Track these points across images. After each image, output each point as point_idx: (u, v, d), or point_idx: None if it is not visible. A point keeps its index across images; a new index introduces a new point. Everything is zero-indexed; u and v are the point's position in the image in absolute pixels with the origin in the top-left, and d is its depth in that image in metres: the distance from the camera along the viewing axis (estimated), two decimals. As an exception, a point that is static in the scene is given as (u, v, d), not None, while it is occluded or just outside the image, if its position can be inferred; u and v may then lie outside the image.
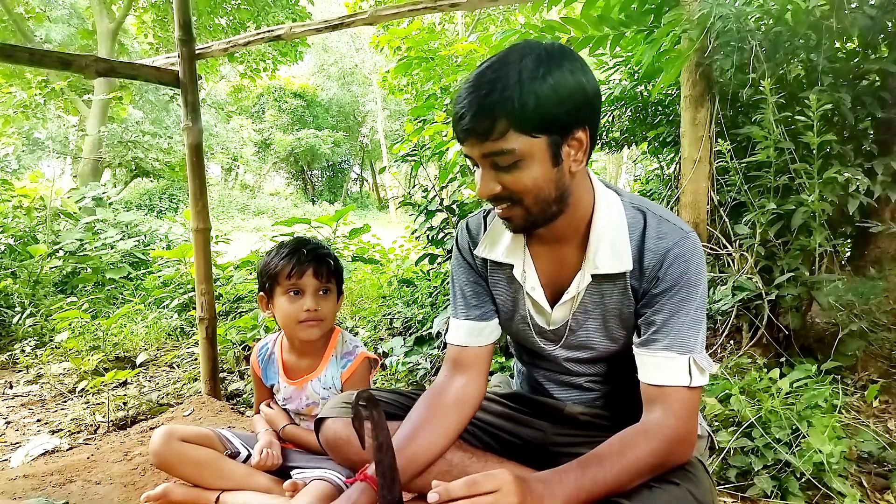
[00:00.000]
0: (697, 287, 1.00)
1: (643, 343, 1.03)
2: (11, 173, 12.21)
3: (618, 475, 0.91)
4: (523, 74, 0.89)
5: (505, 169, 0.94)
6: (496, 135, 0.91)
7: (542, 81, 0.89)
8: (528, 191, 0.95)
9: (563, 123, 0.92)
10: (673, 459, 0.96)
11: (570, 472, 0.92)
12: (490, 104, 0.89)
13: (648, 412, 1.00)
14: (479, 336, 1.19)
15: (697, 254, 1.01)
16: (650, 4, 2.68)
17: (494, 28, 12.17)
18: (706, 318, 1.04)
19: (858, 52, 2.22)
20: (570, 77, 0.91)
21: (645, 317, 1.04)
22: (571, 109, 0.92)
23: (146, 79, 2.26)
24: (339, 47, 26.26)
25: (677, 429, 0.96)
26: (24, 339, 3.51)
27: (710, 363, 1.02)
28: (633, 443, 0.94)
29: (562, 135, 0.93)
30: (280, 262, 1.51)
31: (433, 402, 1.14)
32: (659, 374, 0.99)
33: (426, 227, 3.07)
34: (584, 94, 0.93)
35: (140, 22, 12.14)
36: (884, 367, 2.02)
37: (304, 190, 27.49)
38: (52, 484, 1.71)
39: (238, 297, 3.85)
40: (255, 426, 1.67)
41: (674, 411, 0.97)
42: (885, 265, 2.15)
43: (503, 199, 0.98)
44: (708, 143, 2.48)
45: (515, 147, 0.91)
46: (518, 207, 0.98)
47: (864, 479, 1.53)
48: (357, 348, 1.60)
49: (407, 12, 2.21)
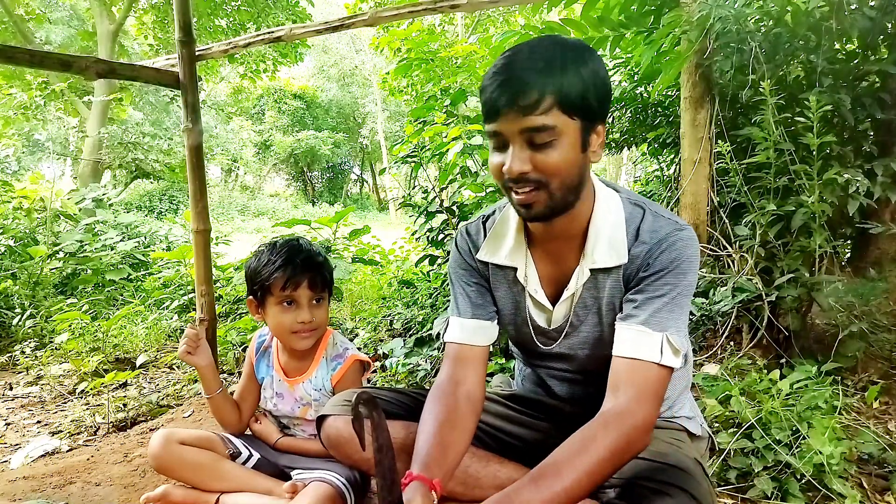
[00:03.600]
0: (686, 276, 1.01)
1: (621, 318, 1.04)
2: (12, 175, 12.17)
3: (578, 479, 0.87)
4: (568, 57, 0.92)
5: (539, 147, 0.94)
6: (541, 109, 0.91)
7: (585, 66, 0.93)
8: (558, 172, 0.96)
9: (595, 111, 0.96)
10: (631, 450, 0.93)
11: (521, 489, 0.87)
12: (537, 78, 0.91)
13: (611, 396, 0.98)
14: (483, 335, 1.18)
15: (691, 247, 1.02)
16: (650, 6, 2.68)
17: (494, 30, 12.18)
18: (707, 319, 1.05)
19: (858, 54, 2.22)
20: (602, 70, 0.96)
21: (628, 295, 1.05)
22: (602, 100, 0.96)
23: (146, 80, 2.26)
24: (339, 49, 26.27)
25: (636, 415, 0.94)
26: (24, 340, 3.51)
27: (685, 345, 1.01)
28: (591, 440, 0.91)
29: (592, 122, 0.97)
30: (274, 274, 1.46)
31: (449, 405, 1.10)
32: (630, 347, 0.99)
33: (426, 229, 3.06)
34: (610, 90, 0.98)
35: (140, 23, 12.15)
36: (884, 368, 2.02)
37: (304, 191, 27.49)
38: (51, 485, 1.71)
39: (238, 298, 3.85)
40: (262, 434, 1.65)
41: (636, 387, 0.96)
42: (885, 266, 2.14)
43: (530, 181, 0.97)
44: (708, 145, 2.48)
45: (556, 124, 0.93)
46: (543, 192, 0.98)
47: (865, 480, 1.53)
48: (347, 350, 1.57)
49: (407, 14, 2.21)
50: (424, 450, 1.02)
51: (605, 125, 1.00)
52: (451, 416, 1.08)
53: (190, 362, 1.61)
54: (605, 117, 0.99)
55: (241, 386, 1.68)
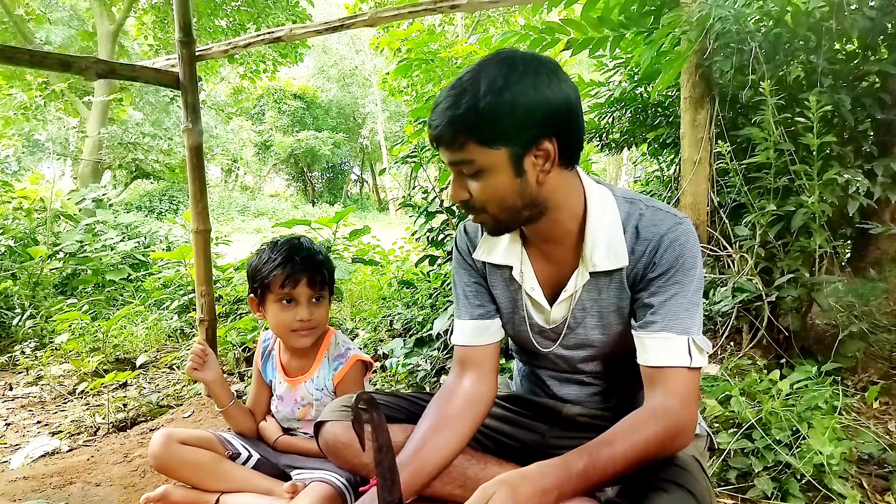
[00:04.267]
0: (693, 270, 1.02)
1: (641, 326, 1.03)
2: (12, 175, 12.19)
3: (626, 460, 0.92)
4: (482, 89, 0.92)
5: (471, 177, 0.98)
6: (457, 145, 0.95)
7: (499, 96, 0.91)
8: (492, 200, 0.99)
9: (525, 136, 0.94)
10: (676, 445, 0.97)
11: (577, 462, 0.91)
12: (451, 116, 0.93)
13: (651, 396, 1.00)
14: (484, 335, 1.20)
15: (692, 238, 1.03)
16: (650, 6, 2.68)
17: (494, 30, 12.19)
18: (707, 319, 1.05)
19: (858, 54, 2.22)
20: (531, 91, 0.92)
21: (641, 300, 1.05)
22: (532, 123, 0.93)
23: (146, 80, 2.27)
24: (339, 49, 26.28)
25: (681, 412, 0.97)
26: (24, 340, 3.51)
27: (707, 343, 1.03)
28: (642, 425, 0.95)
29: (524, 147, 0.95)
30: (274, 272, 1.46)
31: (443, 408, 1.14)
32: (659, 355, 1.00)
33: (426, 229, 3.07)
34: (549, 106, 0.93)
35: (140, 24, 12.14)
36: (884, 368, 2.02)
37: (304, 191, 27.49)
38: (51, 486, 1.71)
39: (238, 298, 3.85)
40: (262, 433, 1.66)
41: (676, 393, 0.98)
42: (885, 267, 2.14)
43: (470, 206, 1.02)
44: (708, 145, 2.48)
45: (475, 158, 0.95)
46: (485, 214, 1.02)
47: (865, 480, 1.52)
48: (349, 350, 1.57)
49: (407, 14, 2.21)
50: (404, 456, 1.07)
51: (553, 140, 0.95)
52: (441, 422, 1.11)
53: (198, 378, 1.62)
54: (552, 133, 0.94)
55: (252, 391, 1.70)
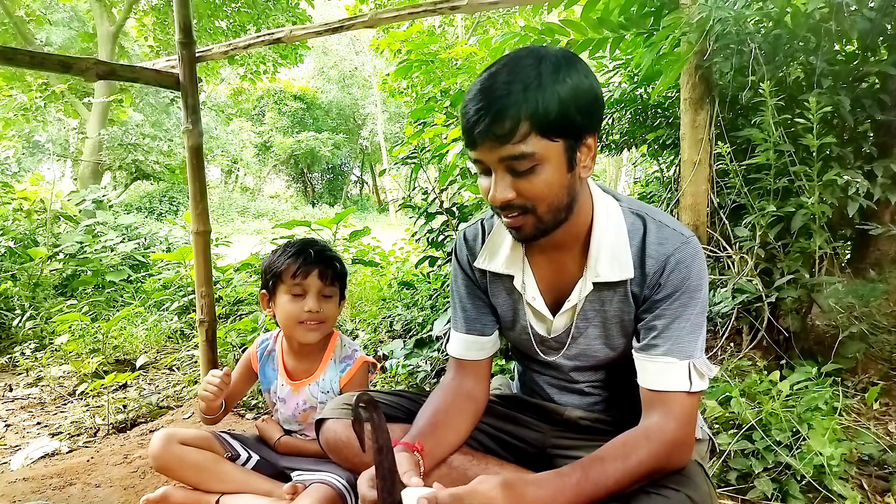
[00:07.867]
0: (698, 292, 1.00)
1: (643, 348, 1.03)
2: (12, 176, 12.21)
3: (618, 478, 0.91)
4: (544, 76, 0.87)
5: (521, 174, 0.92)
6: (517, 137, 0.88)
7: (563, 84, 0.87)
8: (544, 197, 0.93)
9: (580, 128, 0.91)
10: (672, 463, 0.96)
11: (571, 474, 0.91)
12: (512, 105, 0.86)
13: (648, 416, 1.00)
14: (480, 350, 1.21)
15: (699, 259, 1.01)
16: (649, 7, 2.69)
17: (494, 31, 12.19)
18: (707, 320, 1.05)
19: (858, 55, 2.22)
20: (585, 81, 0.90)
21: (645, 321, 1.03)
22: (588, 114, 0.91)
23: (146, 81, 2.27)
24: (339, 50, 26.29)
25: (677, 433, 0.96)
26: (23, 341, 3.51)
27: (709, 367, 1.02)
28: (634, 446, 0.94)
29: (577, 139, 0.92)
30: (286, 261, 1.50)
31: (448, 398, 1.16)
32: (659, 379, 0.99)
33: (426, 230, 3.06)
34: (597, 99, 0.92)
35: (140, 25, 12.16)
36: (884, 369, 2.02)
37: (304, 192, 27.49)
38: (51, 487, 1.71)
39: (238, 299, 3.85)
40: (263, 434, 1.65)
41: (674, 416, 0.97)
42: (885, 267, 2.14)
43: (516, 206, 0.95)
44: (708, 146, 2.48)
45: (536, 150, 0.89)
46: (530, 216, 0.96)
47: (865, 481, 1.52)
48: (356, 352, 1.59)
49: (407, 15, 2.21)
50: (416, 428, 1.08)
51: (595, 135, 0.94)
52: (449, 404, 1.14)
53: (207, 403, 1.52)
54: (595, 128, 0.93)
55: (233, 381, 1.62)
